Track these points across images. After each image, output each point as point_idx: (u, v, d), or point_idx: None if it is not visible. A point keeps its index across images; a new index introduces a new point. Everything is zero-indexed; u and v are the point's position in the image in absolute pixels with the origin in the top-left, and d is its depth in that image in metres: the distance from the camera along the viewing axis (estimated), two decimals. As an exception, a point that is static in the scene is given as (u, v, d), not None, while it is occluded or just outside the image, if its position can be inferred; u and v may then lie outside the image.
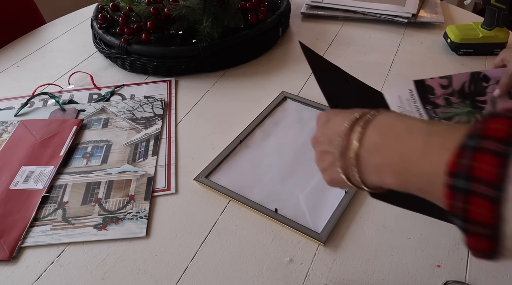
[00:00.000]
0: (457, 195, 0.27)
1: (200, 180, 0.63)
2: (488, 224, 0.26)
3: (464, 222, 0.28)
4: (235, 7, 0.88)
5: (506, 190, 0.25)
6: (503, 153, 0.25)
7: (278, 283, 0.52)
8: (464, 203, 0.27)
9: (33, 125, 0.75)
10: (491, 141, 0.26)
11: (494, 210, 0.25)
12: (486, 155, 0.26)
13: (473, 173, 0.26)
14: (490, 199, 0.25)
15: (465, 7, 1.20)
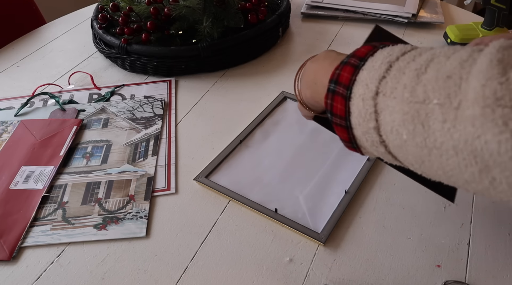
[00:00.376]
0: (329, 95, 0.38)
1: (200, 180, 0.63)
2: (342, 116, 0.37)
3: (331, 115, 0.38)
4: (235, 7, 0.88)
5: (352, 90, 0.35)
6: (356, 65, 0.36)
7: (278, 283, 0.52)
8: (331, 100, 0.38)
9: (33, 125, 0.75)
10: (354, 59, 0.37)
11: (345, 104, 0.36)
12: (348, 67, 0.37)
13: (339, 79, 0.37)
14: (343, 97, 0.36)
15: (465, 7, 1.20)
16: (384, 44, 0.38)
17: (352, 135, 0.37)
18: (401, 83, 0.32)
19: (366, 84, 0.34)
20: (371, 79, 0.34)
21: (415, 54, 0.34)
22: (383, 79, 0.33)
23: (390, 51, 0.35)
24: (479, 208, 0.59)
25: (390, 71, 0.33)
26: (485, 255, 0.53)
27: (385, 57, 0.35)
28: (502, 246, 0.54)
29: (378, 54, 0.36)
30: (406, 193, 0.62)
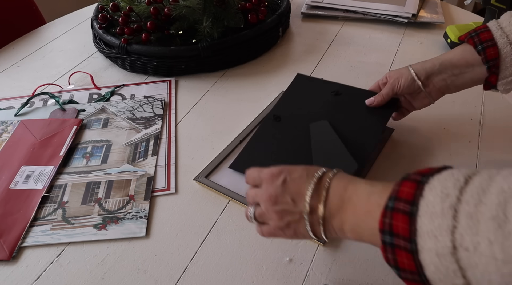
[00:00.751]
0: (387, 248, 0.33)
1: (200, 180, 0.63)
2: (413, 271, 0.32)
3: (397, 271, 0.33)
4: (235, 7, 0.88)
5: (417, 242, 0.31)
6: (409, 212, 0.31)
7: (278, 283, 0.52)
8: (393, 255, 0.33)
9: (33, 125, 0.75)
10: (402, 203, 0.32)
11: (413, 259, 0.31)
12: (399, 214, 0.32)
13: (393, 229, 0.32)
14: (408, 251, 0.31)
15: (465, 7, 1.20)
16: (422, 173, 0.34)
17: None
18: (483, 237, 0.27)
19: (435, 236, 0.30)
20: (438, 229, 0.30)
21: (477, 190, 0.30)
22: (455, 230, 0.29)
23: (443, 188, 0.31)
24: (479, 208, 0.59)
25: (458, 219, 0.29)
26: (485, 255, 0.53)
27: (442, 198, 0.30)
28: (502, 246, 0.54)
29: (428, 193, 0.31)
30: (406, 193, 0.61)
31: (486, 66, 0.55)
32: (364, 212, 0.37)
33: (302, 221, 0.42)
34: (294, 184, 0.43)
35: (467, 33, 0.58)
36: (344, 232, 0.40)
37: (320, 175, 0.42)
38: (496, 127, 0.72)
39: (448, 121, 0.74)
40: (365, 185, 0.39)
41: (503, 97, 0.79)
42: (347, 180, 0.41)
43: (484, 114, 0.76)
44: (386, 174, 0.64)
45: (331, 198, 0.41)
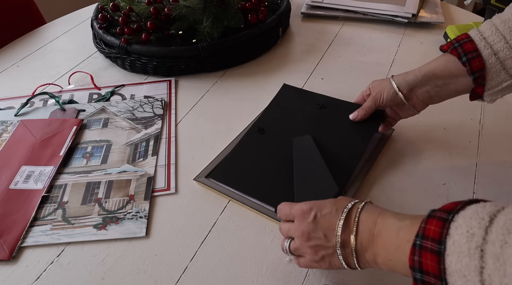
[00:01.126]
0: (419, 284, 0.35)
1: (200, 180, 0.63)
2: None
3: None
4: (235, 7, 0.88)
5: (448, 280, 0.32)
6: (438, 251, 0.33)
7: (278, 283, 0.52)
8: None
9: (33, 125, 0.75)
10: (430, 241, 0.34)
11: None
12: (427, 253, 0.34)
13: (423, 267, 0.34)
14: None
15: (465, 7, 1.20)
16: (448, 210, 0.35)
17: None
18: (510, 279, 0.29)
19: (464, 276, 0.31)
20: (466, 269, 0.31)
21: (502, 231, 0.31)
22: (483, 271, 0.30)
23: (469, 228, 0.32)
24: (479, 208, 0.59)
25: (485, 259, 0.30)
26: (485, 255, 0.53)
27: (468, 238, 0.31)
28: (502, 246, 0.54)
29: (454, 232, 0.33)
30: (406, 193, 0.62)
31: (472, 77, 0.55)
32: (394, 247, 0.39)
33: (335, 255, 0.45)
34: (324, 220, 0.45)
35: (449, 43, 0.57)
36: (377, 264, 0.42)
37: (349, 208, 0.44)
38: (496, 127, 0.72)
39: (448, 121, 0.74)
40: (393, 220, 0.41)
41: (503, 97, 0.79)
42: (376, 213, 0.43)
43: (484, 114, 0.76)
44: (387, 174, 0.64)
45: (361, 232, 0.43)
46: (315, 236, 0.46)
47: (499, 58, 0.53)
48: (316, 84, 0.85)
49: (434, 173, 0.64)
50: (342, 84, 0.84)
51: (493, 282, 0.30)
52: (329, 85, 0.84)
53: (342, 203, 0.46)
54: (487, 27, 0.55)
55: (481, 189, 0.61)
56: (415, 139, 0.70)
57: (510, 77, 0.54)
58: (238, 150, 0.67)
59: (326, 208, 0.46)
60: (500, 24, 0.54)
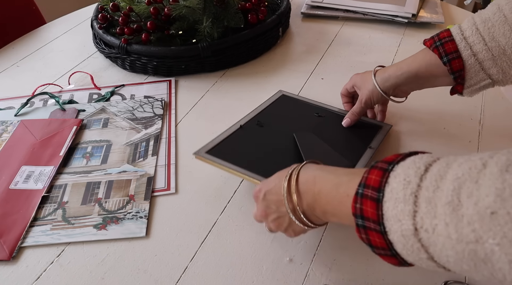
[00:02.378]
0: (360, 229, 0.37)
1: (201, 155, 0.61)
2: (385, 248, 0.36)
3: (372, 248, 0.37)
4: (235, 7, 0.88)
5: (385, 225, 0.35)
6: (376, 198, 0.35)
7: (278, 283, 0.52)
8: (366, 235, 0.37)
9: (33, 125, 0.75)
10: (370, 189, 0.36)
11: (384, 238, 0.35)
12: (367, 200, 0.36)
13: (363, 213, 0.36)
14: (378, 232, 0.35)
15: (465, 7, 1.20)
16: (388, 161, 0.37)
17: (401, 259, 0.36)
18: (440, 219, 0.31)
19: (399, 220, 0.33)
20: (401, 214, 0.33)
21: (435, 177, 0.33)
22: (416, 214, 0.32)
23: (406, 176, 0.34)
24: (479, 208, 0.59)
25: (418, 204, 0.32)
26: (485, 255, 0.53)
27: (405, 185, 0.34)
28: (502, 246, 0.54)
29: (393, 180, 0.35)
30: (406, 193, 0.61)
31: (452, 77, 0.58)
32: (337, 203, 0.41)
33: (292, 222, 0.47)
34: (272, 194, 0.48)
35: (431, 40, 0.60)
36: (327, 218, 0.44)
37: (289, 175, 0.46)
38: (496, 127, 0.72)
39: (448, 121, 0.74)
40: (330, 176, 0.43)
41: (503, 97, 0.79)
42: (313, 174, 0.45)
43: (484, 114, 0.76)
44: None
45: (303, 195, 0.45)
46: (270, 212, 0.49)
47: (478, 59, 0.55)
48: (316, 84, 0.85)
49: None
50: (342, 84, 0.84)
51: (424, 223, 0.32)
52: (329, 85, 0.84)
53: (283, 173, 0.48)
54: (468, 25, 0.57)
55: (481, 189, 0.61)
56: (415, 139, 0.70)
57: (488, 76, 0.56)
58: (238, 133, 0.66)
59: (272, 183, 0.48)
60: (480, 23, 0.56)
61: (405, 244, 0.34)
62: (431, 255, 0.33)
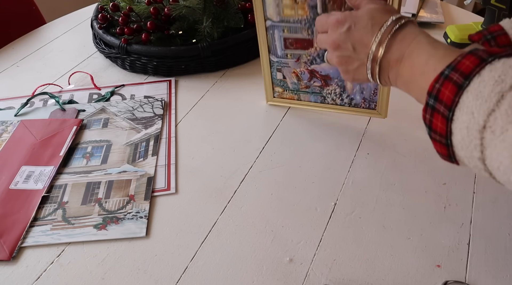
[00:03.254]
0: (428, 109, 0.36)
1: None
2: (442, 134, 0.35)
3: (429, 130, 0.37)
4: (235, 7, 0.88)
5: (455, 113, 0.33)
6: (460, 84, 0.33)
7: (278, 283, 0.52)
8: (430, 116, 0.36)
9: (33, 125, 0.75)
10: (457, 74, 0.34)
11: (446, 125, 0.34)
12: (450, 83, 0.34)
13: (439, 95, 0.35)
14: (444, 117, 0.34)
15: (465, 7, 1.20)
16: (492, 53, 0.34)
17: (452, 152, 0.35)
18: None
19: (472, 112, 0.32)
20: (477, 109, 0.32)
21: None
22: (492, 113, 0.31)
23: (502, 73, 0.32)
24: (479, 208, 0.59)
25: (500, 104, 0.31)
26: (485, 255, 0.53)
27: (496, 82, 0.31)
28: (502, 246, 0.54)
29: (486, 74, 0.32)
30: (406, 193, 0.62)
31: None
32: (419, 72, 0.39)
33: (361, 68, 0.46)
34: (358, 33, 0.45)
35: (480, 34, 0.55)
36: (396, 83, 0.43)
37: (385, 29, 0.43)
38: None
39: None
40: (428, 46, 0.41)
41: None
42: (412, 36, 0.42)
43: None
44: (386, 174, 0.64)
45: (392, 51, 0.43)
46: (344, 47, 0.46)
47: None
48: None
49: (434, 173, 0.64)
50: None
51: (495, 125, 0.31)
52: (329, 85, 0.84)
53: (380, 18, 0.44)
54: None
55: (481, 189, 0.61)
56: (415, 139, 0.70)
57: None
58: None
59: (362, 21, 0.45)
60: None
61: (464, 138, 0.33)
62: (484, 157, 0.32)
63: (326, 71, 0.67)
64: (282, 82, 0.72)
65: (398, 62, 0.42)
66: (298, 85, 0.72)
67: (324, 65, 0.65)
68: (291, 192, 0.63)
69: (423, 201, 0.60)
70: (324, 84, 0.68)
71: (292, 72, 0.70)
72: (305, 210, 0.60)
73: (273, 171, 0.66)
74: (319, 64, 0.66)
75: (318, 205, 0.60)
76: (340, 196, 0.62)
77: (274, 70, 0.71)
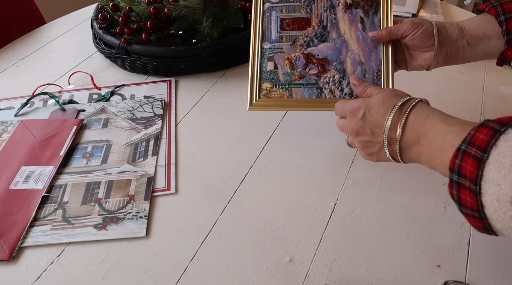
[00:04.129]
0: (453, 185, 0.37)
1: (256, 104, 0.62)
2: (474, 209, 0.35)
3: (459, 206, 0.37)
4: (235, 7, 0.88)
5: (482, 186, 0.34)
6: (480, 158, 0.34)
7: (278, 283, 0.52)
8: (457, 192, 0.36)
9: (33, 125, 0.75)
10: (475, 148, 0.35)
11: (476, 199, 0.34)
12: (470, 159, 0.35)
13: (461, 170, 0.36)
14: (472, 191, 0.35)
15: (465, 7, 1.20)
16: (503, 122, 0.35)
17: (488, 224, 0.35)
18: None
19: (498, 184, 0.32)
20: (503, 180, 0.32)
21: None
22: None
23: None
24: (479, 208, 0.59)
25: None
26: (485, 255, 0.53)
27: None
28: (502, 246, 0.54)
29: (502, 144, 0.33)
30: (406, 193, 0.62)
31: (506, 38, 0.53)
32: (438, 149, 0.41)
33: (382, 150, 0.48)
34: (372, 118, 0.48)
35: (488, 3, 0.55)
36: (420, 161, 0.45)
37: (398, 107, 0.46)
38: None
39: (448, 121, 0.74)
40: (441, 124, 0.42)
41: (503, 97, 0.79)
42: (425, 115, 0.44)
43: (484, 114, 0.76)
44: (386, 174, 0.64)
45: (407, 132, 0.45)
46: (363, 132, 0.49)
47: None
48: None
49: (434, 173, 0.64)
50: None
51: None
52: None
53: (391, 102, 0.47)
54: None
55: (481, 189, 0.61)
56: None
57: None
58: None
59: (374, 107, 0.48)
60: None
61: (498, 210, 0.33)
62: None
63: (323, 54, 0.63)
64: (273, 74, 0.65)
65: (416, 142, 0.44)
66: (291, 76, 0.65)
67: (322, 45, 0.63)
68: (291, 192, 0.63)
69: (423, 201, 0.60)
70: (321, 70, 0.63)
71: (285, 59, 0.65)
72: (305, 210, 0.60)
73: (273, 171, 0.66)
74: (316, 46, 0.64)
75: (318, 205, 0.60)
76: (340, 196, 0.62)
77: (265, 60, 0.66)
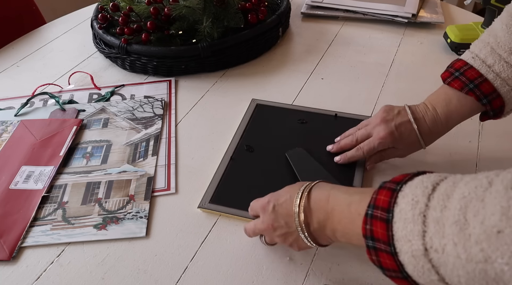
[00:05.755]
0: (371, 251, 0.37)
1: (205, 206, 0.60)
2: (396, 270, 0.35)
3: (383, 270, 0.37)
4: (235, 7, 0.88)
5: (395, 245, 0.34)
6: (386, 219, 0.35)
7: (278, 283, 0.52)
8: (377, 257, 0.37)
9: (33, 125, 0.75)
10: (379, 210, 0.36)
11: (394, 259, 0.35)
12: (377, 221, 0.36)
13: (373, 234, 0.36)
14: (388, 253, 0.35)
15: (465, 7, 1.20)
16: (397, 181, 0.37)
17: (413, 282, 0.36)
18: (448, 239, 0.31)
19: (409, 240, 0.33)
20: (411, 234, 0.33)
21: (442, 197, 0.32)
22: (425, 234, 0.32)
23: (414, 196, 0.34)
24: (479, 208, 0.59)
25: (427, 223, 0.32)
26: (485, 255, 0.53)
27: (413, 205, 0.34)
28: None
29: (401, 201, 0.35)
30: (406, 193, 0.61)
31: (492, 113, 0.57)
32: (348, 221, 0.41)
33: (300, 238, 0.47)
34: (282, 208, 0.48)
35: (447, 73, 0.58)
36: (337, 238, 0.44)
37: (301, 191, 0.46)
38: (496, 127, 0.72)
39: (448, 121, 0.74)
40: (343, 195, 0.43)
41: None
42: (326, 192, 0.45)
43: (484, 114, 0.76)
44: (387, 175, 0.64)
45: (315, 212, 0.45)
46: (278, 225, 0.48)
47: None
48: (316, 84, 0.85)
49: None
50: (342, 84, 0.84)
51: (434, 243, 0.32)
52: (329, 85, 0.84)
53: (295, 188, 0.48)
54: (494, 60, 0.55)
55: (481, 189, 0.61)
56: (415, 139, 0.70)
57: None
58: (231, 168, 0.65)
59: (282, 197, 0.48)
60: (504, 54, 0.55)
61: (416, 265, 0.33)
62: (442, 277, 0.32)
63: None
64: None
65: (327, 219, 0.44)
66: None
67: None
68: (291, 192, 0.62)
69: (423, 201, 0.60)
70: None
71: None
72: (305, 210, 0.60)
73: (273, 171, 0.66)
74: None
75: (318, 205, 0.60)
76: (340, 196, 0.61)
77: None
